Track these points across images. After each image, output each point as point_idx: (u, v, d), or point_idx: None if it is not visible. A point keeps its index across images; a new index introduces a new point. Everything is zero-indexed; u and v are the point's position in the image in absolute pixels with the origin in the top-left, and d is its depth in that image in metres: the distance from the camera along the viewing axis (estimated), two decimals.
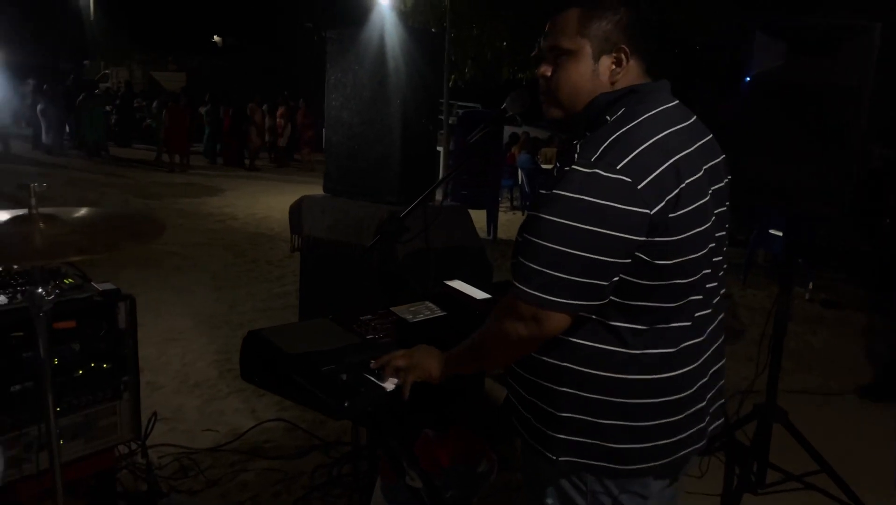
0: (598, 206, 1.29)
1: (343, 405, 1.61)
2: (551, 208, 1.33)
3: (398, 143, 3.47)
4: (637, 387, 1.42)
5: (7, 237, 1.43)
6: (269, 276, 6.45)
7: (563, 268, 1.32)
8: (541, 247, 1.33)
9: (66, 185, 11.07)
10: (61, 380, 2.58)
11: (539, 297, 1.34)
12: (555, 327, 1.38)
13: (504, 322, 1.44)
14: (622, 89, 1.45)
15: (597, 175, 1.30)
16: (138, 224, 1.65)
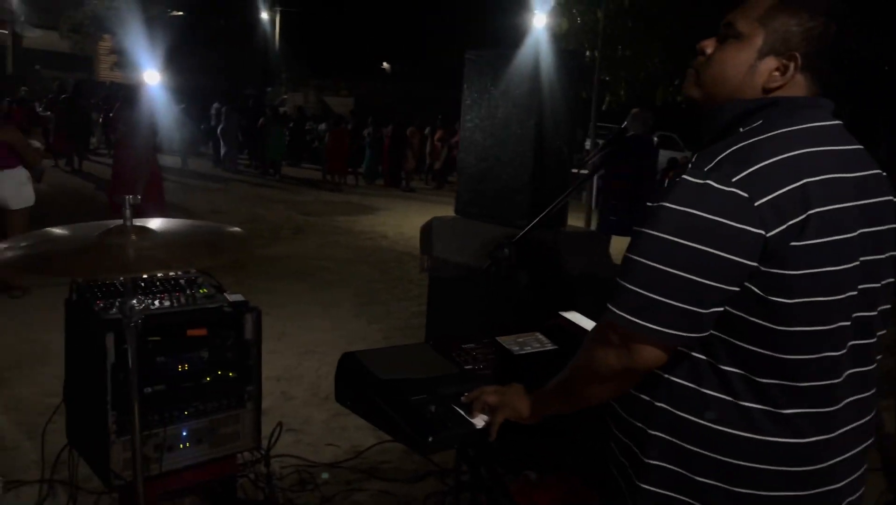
0: (706, 221, 1.12)
1: (427, 440, 1.51)
2: (653, 223, 1.18)
3: (530, 165, 3.36)
4: (745, 446, 1.20)
5: (103, 249, 1.49)
6: (409, 294, 6.54)
7: (659, 289, 1.15)
8: (637, 264, 1.18)
9: (239, 200, 11.99)
10: (190, 385, 2.70)
11: (630, 320, 1.18)
12: (648, 359, 1.21)
13: (594, 350, 1.29)
14: (764, 99, 1.25)
15: (708, 187, 1.13)
16: (223, 240, 1.67)
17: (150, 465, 2.61)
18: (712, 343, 1.21)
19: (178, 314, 2.67)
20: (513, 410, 1.53)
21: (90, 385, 2.57)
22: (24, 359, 4.41)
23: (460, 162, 3.76)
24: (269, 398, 4.07)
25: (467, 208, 3.68)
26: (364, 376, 1.71)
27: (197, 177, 14.87)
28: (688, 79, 1.37)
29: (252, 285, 6.49)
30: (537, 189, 3.38)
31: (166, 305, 2.66)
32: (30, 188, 5.71)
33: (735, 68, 1.27)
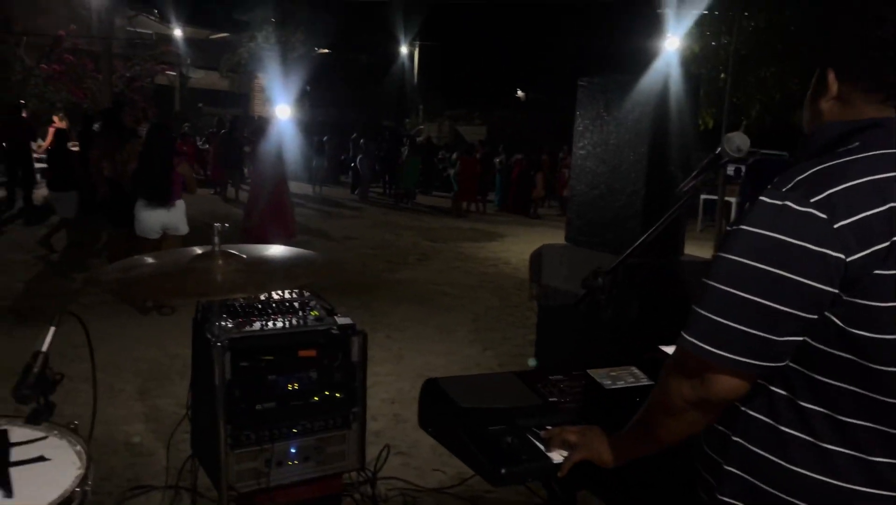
0: (781, 243, 1.07)
1: (500, 472, 1.49)
2: (729, 246, 1.14)
3: (642, 192, 3.26)
4: (824, 493, 1.10)
5: (194, 272, 1.60)
6: (527, 322, 6.47)
7: (731, 314, 1.10)
8: (712, 290, 1.13)
9: (371, 227, 12.46)
10: (299, 404, 2.82)
11: (701, 347, 1.13)
12: (723, 390, 1.15)
13: (668, 381, 1.24)
14: (864, 120, 1.17)
15: (786, 208, 1.08)
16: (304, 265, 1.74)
17: (260, 478, 2.75)
18: (791, 376, 1.13)
19: (290, 335, 2.81)
20: (594, 452, 1.48)
21: (208, 399, 2.76)
22: (166, 372, 4.79)
23: (571, 189, 3.71)
24: (381, 420, 4.17)
25: (578, 236, 3.62)
26: (445, 403, 1.72)
27: (334, 204, 15.64)
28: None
29: (377, 308, 6.71)
30: (650, 216, 3.26)
31: (279, 326, 2.81)
32: (185, 218, 6.28)
33: (816, 92, 1.26)
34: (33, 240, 9.38)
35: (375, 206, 16.02)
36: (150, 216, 5.99)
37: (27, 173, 12.25)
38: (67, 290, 6.89)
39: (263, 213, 7.00)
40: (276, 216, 7.37)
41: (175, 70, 25.72)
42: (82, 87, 21.08)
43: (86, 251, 8.81)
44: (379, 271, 8.62)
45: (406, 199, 16.82)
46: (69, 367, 1.93)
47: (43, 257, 8.30)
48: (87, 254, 8.68)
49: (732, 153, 1.66)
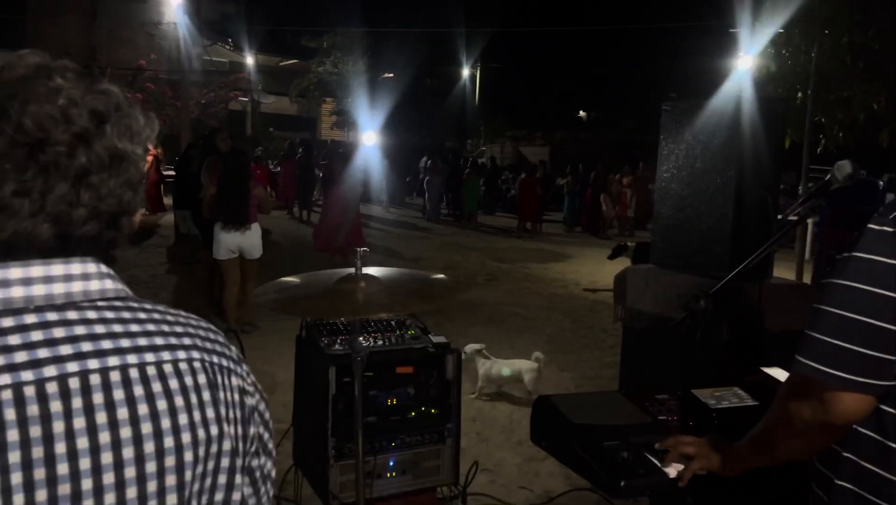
0: (884, 266, 1.14)
1: (619, 484, 1.57)
2: (839, 272, 1.21)
3: (730, 215, 3.29)
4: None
5: (339, 293, 1.75)
6: (601, 343, 6.49)
7: (845, 336, 1.17)
8: (824, 313, 1.21)
9: (438, 248, 12.64)
10: (397, 418, 2.95)
11: (819, 369, 1.19)
12: (843, 411, 1.20)
13: (788, 403, 1.30)
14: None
15: (886, 232, 1.16)
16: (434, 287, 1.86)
17: (361, 490, 2.88)
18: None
19: (389, 353, 2.95)
20: (709, 462, 1.54)
21: (314, 413, 2.91)
22: None
23: (656, 212, 3.76)
24: (464, 438, 4.24)
25: (663, 259, 3.66)
26: (558, 420, 1.81)
27: (402, 226, 15.93)
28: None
29: (450, 329, 6.83)
30: (738, 240, 3.29)
31: (379, 344, 2.96)
32: (261, 241, 6.53)
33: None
34: (122, 259, 9.90)
35: (442, 227, 16.22)
36: (226, 238, 6.17)
37: None
38: None
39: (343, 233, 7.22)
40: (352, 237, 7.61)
41: (247, 96, 26.71)
42: (162, 113, 22.15)
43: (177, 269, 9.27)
44: (457, 293, 8.73)
45: (468, 220, 16.97)
46: None
47: (134, 277, 8.76)
48: (177, 274, 9.12)
49: (842, 181, 1.71)
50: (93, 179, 0.75)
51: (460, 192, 17.23)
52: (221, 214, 6.22)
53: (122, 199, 0.79)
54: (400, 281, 1.92)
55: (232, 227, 6.16)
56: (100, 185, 0.75)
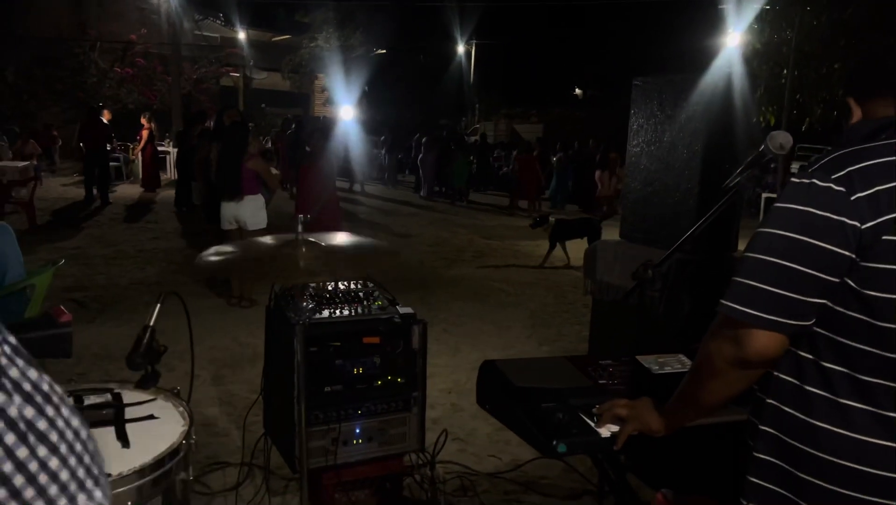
0: (805, 213, 1.23)
1: (552, 444, 1.63)
2: (765, 221, 1.31)
3: (696, 189, 3.33)
4: (844, 445, 1.23)
5: (279, 258, 1.79)
6: (582, 319, 6.55)
7: (763, 277, 1.25)
8: (747, 259, 1.30)
9: (427, 225, 12.68)
10: (363, 387, 3.01)
11: (735, 308, 1.27)
12: (758, 348, 1.27)
13: (708, 345, 1.38)
14: (885, 119, 1.36)
15: (812, 185, 1.24)
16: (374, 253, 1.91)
17: (328, 455, 2.95)
18: (815, 339, 1.27)
19: (356, 322, 3.00)
20: (642, 423, 1.60)
21: (281, 382, 2.97)
22: (237, 359, 5.07)
23: (625, 187, 3.80)
24: (439, 408, 4.34)
25: (632, 233, 3.70)
26: (501, 383, 1.86)
27: (393, 202, 15.95)
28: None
29: (434, 303, 6.90)
30: (704, 212, 3.32)
31: (346, 315, 3.01)
32: (264, 213, 6.56)
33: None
34: (111, 235, 9.93)
35: (433, 205, 16.23)
36: (224, 209, 6.36)
37: (104, 172, 12.93)
38: (142, 281, 7.31)
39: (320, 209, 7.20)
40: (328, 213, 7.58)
41: (239, 72, 26.52)
42: (153, 88, 22.01)
43: (165, 244, 9.30)
44: (435, 268, 8.80)
45: (458, 197, 16.96)
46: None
47: (121, 252, 8.79)
48: (165, 249, 9.15)
49: (775, 151, 1.75)
50: None
51: (449, 170, 17.19)
52: (218, 186, 6.38)
53: None
54: (341, 248, 1.96)
55: (227, 198, 6.30)
56: None
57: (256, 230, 6.36)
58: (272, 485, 3.28)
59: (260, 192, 6.44)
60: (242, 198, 6.27)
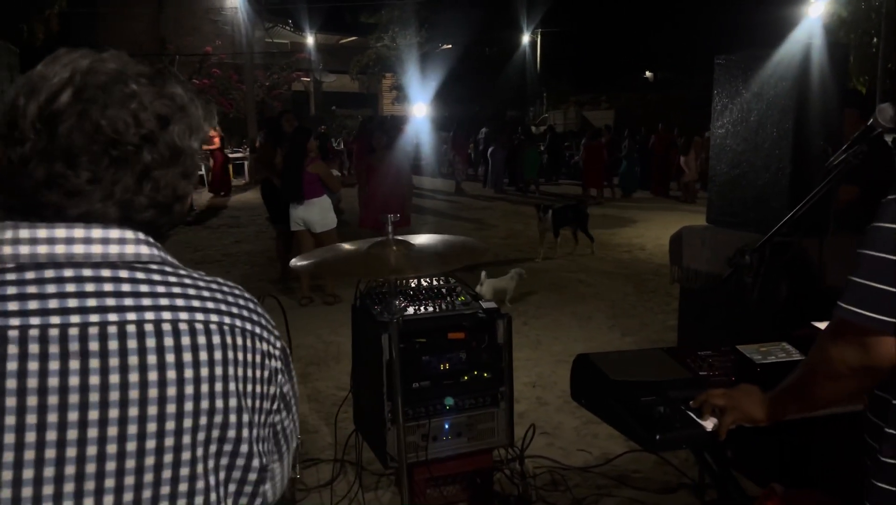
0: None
1: (655, 437, 1.58)
2: (881, 215, 1.21)
3: (788, 169, 3.18)
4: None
5: (372, 257, 1.81)
6: (666, 307, 6.39)
7: (885, 278, 1.16)
8: (865, 257, 1.20)
9: (501, 217, 12.63)
10: (450, 383, 3.02)
11: (856, 312, 1.19)
12: (888, 354, 1.19)
13: (829, 347, 1.29)
14: None
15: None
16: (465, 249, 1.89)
17: (418, 452, 2.97)
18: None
19: (441, 319, 3.01)
20: (742, 412, 1.54)
21: (370, 379, 3.01)
22: (322, 357, 5.19)
23: (711, 169, 3.67)
24: (524, 402, 4.31)
25: (719, 217, 3.57)
26: (597, 377, 1.82)
27: (465, 196, 15.96)
28: None
29: (511, 297, 6.86)
30: (797, 193, 3.17)
31: (430, 311, 3.02)
32: (333, 214, 6.71)
33: None
34: (196, 240, 10.33)
35: (504, 197, 16.16)
36: (292, 210, 6.54)
37: None
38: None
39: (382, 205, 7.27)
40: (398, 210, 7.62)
41: (309, 76, 27.09)
42: (228, 97, 22.77)
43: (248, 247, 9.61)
44: (511, 260, 8.75)
45: (533, 187, 16.83)
46: None
47: (208, 256, 9.13)
48: (248, 252, 9.45)
49: (885, 124, 1.64)
50: (154, 174, 0.87)
51: (518, 162, 17.07)
52: (283, 189, 6.58)
53: (176, 188, 0.90)
54: (431, 246, 1.96)
55: (292, 202, 6.47)
56: (159, 178, 0.87)
57: (329, 230, 6.51)
58: (364, 480, 3.33)
59: (325, 193, 6.56)
60: (303, 201, 6.42)
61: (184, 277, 0.89)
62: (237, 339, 0.89)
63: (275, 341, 0.96)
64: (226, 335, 0.88)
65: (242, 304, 0.93)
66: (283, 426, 1.00)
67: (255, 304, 0.96)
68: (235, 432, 0.87)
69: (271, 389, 0.94)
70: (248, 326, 0.92)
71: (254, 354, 0.91)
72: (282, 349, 0.98)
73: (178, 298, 0.86)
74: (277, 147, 7.06)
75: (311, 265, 1.85)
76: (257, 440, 0.91)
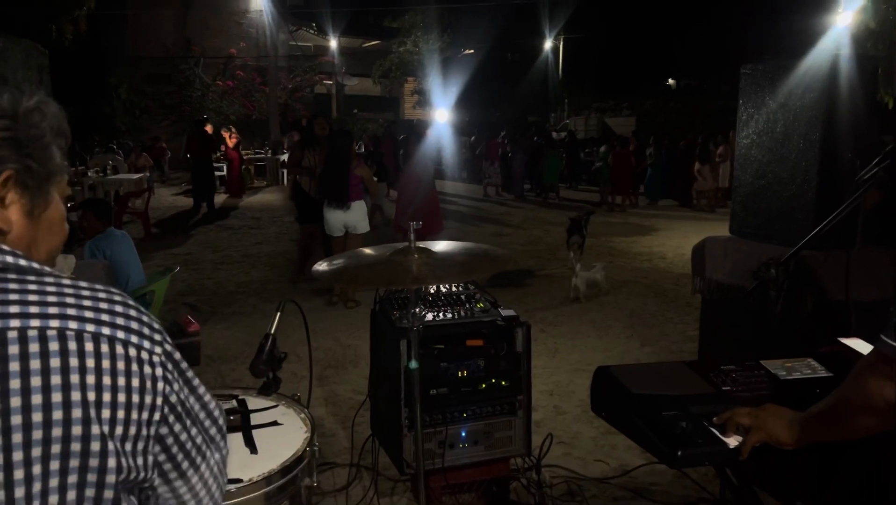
0: None
1: (677, 453, 1.56)
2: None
3: (814, 181, 3.14)
4: None
5: (393, 264, 1.80)
6: (685, 318, 6.32)
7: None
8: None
9: (520, 224, 12.60)
10: (468, 390, 3.00)
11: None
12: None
13: (867, 383, 1.26)
14: None
15: None
16: (487, 258, 1.88)
17: (434, 459, 2.96)
18: None
19: (459, 325, 3.00)
20: (768, 433, 1.51)
21: (387, 384, 3.01)
22: (340, 361, 5.20)
23: (736, 180, 3.63)
24: (541, 411, 4.28)
25: (743, 228, 3.53)
26: (617, 390, 1.80)
27: (485, 201, 15.95)
28: None
29: (530, 303, 6.84)
30: (823, 206, 3.13)
31: (449, 318, 3.01)
32: (367, 218, 6.71)
33: None
34: (217, 240, 10.41)
35: (524, 203, 16.12)
36: (332, 216, 6.48)
37: (209, 181, 13.59)
38: (247, 284, 7.61)
39: (415, 212, 7.29)
40: (429, 217, 7.66)
41: (332, 79, 27.22)
42: (252, 99, 22.95)
43: (268, 248, 9.67)
44: (530, 267, 8.72)
45: (553, 194, 16.77)
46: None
47: (227, 257, 9.20)
48: (268, 253, 9.51)
49: None
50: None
51: (540, 167, 17.01)
52: (326, 194, 6.50)
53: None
54: (453, 254, 1.96)
55: (335, 206, 6.42)
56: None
57: (364, 234, 6.52)
58: (380, 486, 3.32)
59: (363, 197, 6.58)
60: (350, 205, 6.43)
61: (46, 283, 0.87)
62: (99, 346, 0.86)
63: (152, 347, 0.91)
64: (84, 342, 0.85)
65: (108, 308, 0.89)
66: (178, 439, 0.94)
67: (132, 309, 0.92)
68: (99, 445, 0.84)
69: (146, 398, 0.89)
70: (111, 331, 0.87)
71: (116, 360, 0.87)
72: (164, 354, 0.93)
73: (33, 306, 0.84)
74: (305, 149, 7.09)
75: (332, 273, 1.85)
76: (132, 454, 0.87)
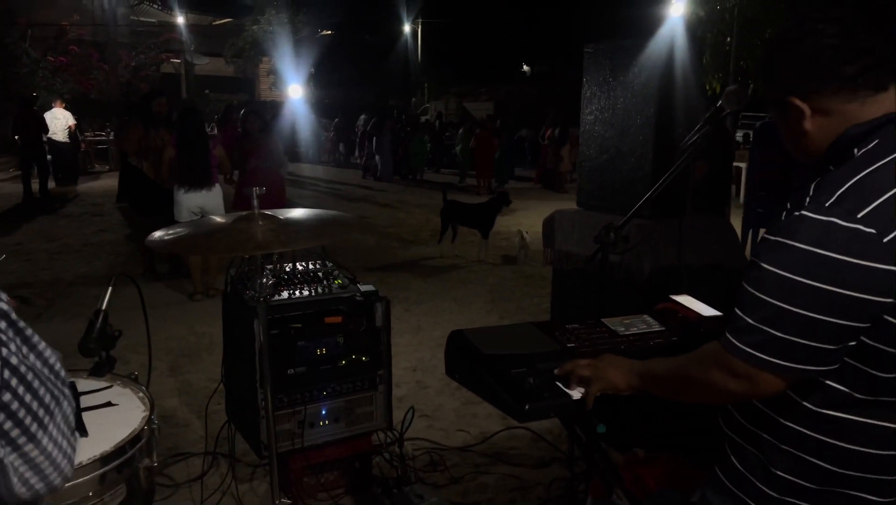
0: (833, 261, 1.12)
1: (524, 407, 1.61)
2: (775, 258, 1.18)
3: (650, 154, 3.34)
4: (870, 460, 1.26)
5: (236, 231, 1.73)
6: (541, 291, 6.59)
7: (785, 327, 1.17)
8: (759, 301, 1.19)
9: (383, 207, 12.57)
10: (327, 368, 2.96)
11: (752, 354, 1.21)
12: (769, 389, 1.24)
13: (712, 372, 1.31)
14: (880, 118, 1.21)
15: (833, 225, 1.12)
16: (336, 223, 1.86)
17: (294, 439, 2.90)
18: (846, 372, 1.22)
19: (317, 302, 2.94)
20: (607, 382, 1.59)
21: (242, 367, 2.90)
22: (195, 350, 4.96)
23: (581, 155, 3.80)
24: (404, 387, 4.32)
25: (589, 201, 3.71)
26: (469, 351, 1.84)
27: (347, 185, 15.76)
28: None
29: (393, 283, 6.85)
30: (659, 177, 3.34)
31: (306, 295, 2.95)
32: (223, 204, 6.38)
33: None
34: (53, 229, 9.58)
35: (387, 186, 16.10)
36: (188, 199, 6.03)
37: (42, 166, 12.45)
38: (89, 275, 7.07)
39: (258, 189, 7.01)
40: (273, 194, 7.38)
41: (180, 58, 25.75)
42: (89, 77, 21.22)
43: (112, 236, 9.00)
44: (393, 249, 8.74)
45: (418, 177, 16.88)
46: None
47: (66, 246, 8.48)
48: (111, 242, 8.87)
49: (731, 107, 1.75)
50: None
51: (407, 151, 17.05)
52: (186, 177, 6.05)
53: None
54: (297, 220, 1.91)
55: (196, 188, 6.02)
56: None
57: None
58: (238, 472, 3.21)
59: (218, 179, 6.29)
60: (214, 186, 6.09)
61: None
62: None
63: None
64: None
65: None
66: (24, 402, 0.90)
67: None
68: None
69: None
70: None
71: None
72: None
73: None
74: (148, 129, 6.59)
75: (167, 242, 1.73)
76: None
